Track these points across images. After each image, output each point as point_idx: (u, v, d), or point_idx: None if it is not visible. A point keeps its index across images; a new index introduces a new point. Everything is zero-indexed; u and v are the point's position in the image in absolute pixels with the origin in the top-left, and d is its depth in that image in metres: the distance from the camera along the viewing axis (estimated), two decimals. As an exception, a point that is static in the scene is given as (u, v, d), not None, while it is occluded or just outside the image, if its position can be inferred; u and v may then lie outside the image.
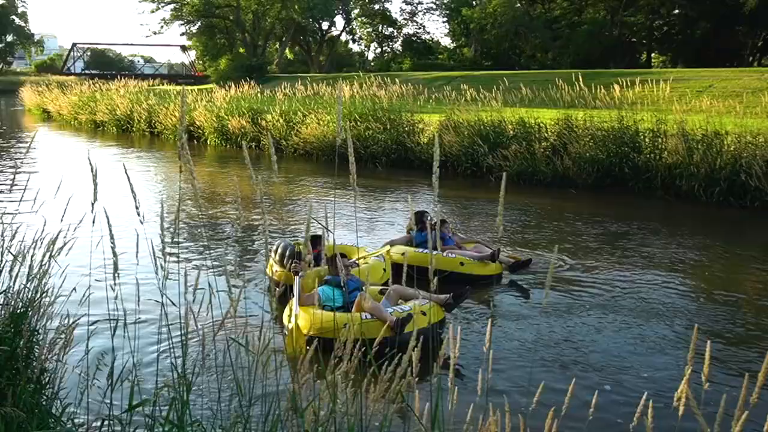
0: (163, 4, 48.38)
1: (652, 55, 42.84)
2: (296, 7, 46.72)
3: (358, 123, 15.54)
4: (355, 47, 61.60)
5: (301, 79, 22.36)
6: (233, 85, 22.91)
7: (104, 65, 74.06)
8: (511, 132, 13.12)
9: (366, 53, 60.26)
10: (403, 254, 6.54)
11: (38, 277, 3.50)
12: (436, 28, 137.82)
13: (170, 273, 2.46)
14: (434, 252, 6.78)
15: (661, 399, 3.63)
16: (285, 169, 15.25)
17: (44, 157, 17.22)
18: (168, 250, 2.52)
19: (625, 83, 12.69)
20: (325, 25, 54.34)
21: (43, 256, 3.52)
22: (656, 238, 8.64)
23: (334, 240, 6.08)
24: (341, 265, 3.65)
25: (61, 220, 3.57)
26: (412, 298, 5.16)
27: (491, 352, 2.07)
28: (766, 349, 4.81)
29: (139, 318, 3.31)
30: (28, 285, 3.52)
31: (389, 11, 55.65)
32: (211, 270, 6.19)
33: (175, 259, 6.82)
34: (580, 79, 13.05)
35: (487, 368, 2.15)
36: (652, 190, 11.08)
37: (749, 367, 4.54)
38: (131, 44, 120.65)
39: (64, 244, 3.58)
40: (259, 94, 21.97)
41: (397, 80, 17.82)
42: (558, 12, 41.59)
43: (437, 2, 53.12)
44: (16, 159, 16.27)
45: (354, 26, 56.77)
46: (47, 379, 3.18)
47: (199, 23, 50.34)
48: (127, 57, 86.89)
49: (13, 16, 70.53)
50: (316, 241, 6.14)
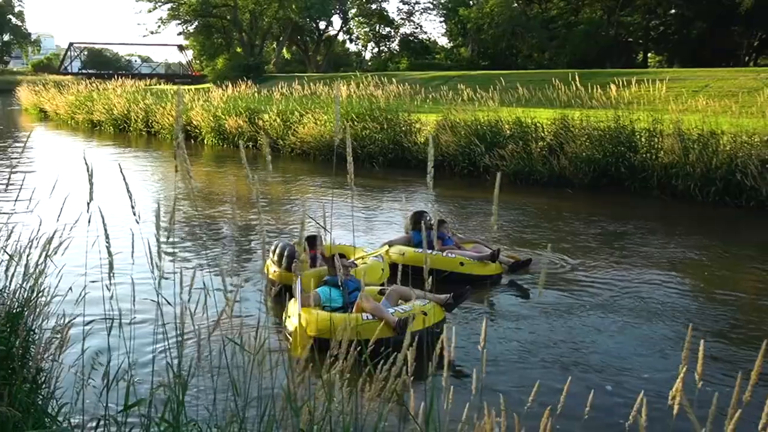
0: (160, 4, 48.30)
1: (649, 54, 42.88)
2: (293, 6, 46.70)
3: (355, 123, 15.54)
4: (352, 47, 61.70)
5: (298, 78, 22.35)
6: (230, 85, 22.88)
7: (101, 65, 73.80)
8: (508, 132, 13.14)
9: (363, 53, 60.31)
10: (402, 254, 6.56)
11: (34, 276, 3.51)
12: (433, 28, 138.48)
13: (166, 273, 2.46)
14: (434, 252, 6.81)
15: (660, 398, 3.64)
16: (282, 169, 15.25)
17: (40, 157, 17.20)
18: (164, 249, 2.52)
19: (621, 83, 12.71)
20: (322, 25, 54.41)
21: (39, 255, 3.52)
22: (653, 238, 8.66)
23: (332, 240, 6.09)
24: (339, 264, 3.66)
25: (57, 220, 3.57)
26: (412, 298, 5.14)
27: (485, 351, 2.07)
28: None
29: (135, 318, 3.31)
30: (24, 284, 3.53)
31: (386, 11, 55.67)
32: (208, 270, 6.19)
33: (171, 258, 6.83)
34: (577, 78, 13.06)
35: (482, 367, 2.15)
36: (648, 190, 11.10)
37: (749, 366, 4.55)
38: (128, 44, 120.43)
39: (60, 244, 3.58)
40: (256, 94, 21.97)
41: (394, 80, 17.81)
42: (555, 12, 41.63)
43: (434, 2, 53.17)
44: (12, 158, 16.23)
45: (351, 26, 56.78)
46: (43, 378, 3.18)
47: (196, 23, 50.28)
48: (124, 56, 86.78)
49: (10, 16, 70.31)
50: (314, 241, 6.15)
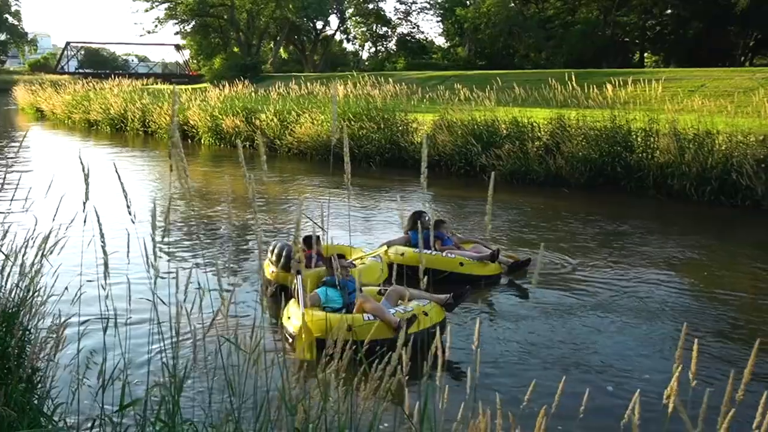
0: (157, 3, 48.14)
1: (645, 54, 42.95)
2: (290, 6, 46.64)
3: (352, 122, 15.55)
4: (349, 47, 61.67)
5: (296, 78, 22.36)
6: (227, 85, 22.87)
7: (98, 64, 73.64)
8: (505, 131, 13.16)
9: (360, 53, 60.34)
10: (401, 254, 6.56)
11: (30, 276, 3.50)
12: (430, 28, 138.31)
13: (162, 272, 2.46)
14: (434, 252, 6.83)
15: (659, 398, 3.66)
16: (279, 169, 15.25)
17: (36, 156, 17.17)
18: (160, 249, 2.52)
19: (617, 83, 12.74)
20: (319, 25, 54.38)
21: (35, 255, 3.52)
22: (649, 237, 8.69)
23: (330, 240, 6.09)
24: (337, 264, 3.67)
25: (53, 219, 3.57)
26: (412, 298, 5.12)
27: (479, 351, 2.08)
28: (761, 346, 4.87)
29: (131, 318, 3.31)
30: (19, 284, 3.52)
31: (383, 11, 55.63)
32: (204, 269, 6.19)
33: (168, 258, 6.82)
34: (573, 78, 13.10)
35: (476, 366, 2.16)
36: (644, 189, 11.13)
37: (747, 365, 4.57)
38: (125, 43, 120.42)
39: (56, 243, 3.58)
40: (253, 94, 21.94)
41: (390, 80, 17.84)
42: (551, 12, 41.66)
43: (431, 2, 53.18)
44: (8, 158, 16.20)
45: (348, 25, 56.78)
46: (39, 378, 3.18)
47: (193, 22, 50.16)
48: (121, 56, 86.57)
49: (7, 15, 70.08)
50: (312, 241, 6.13)
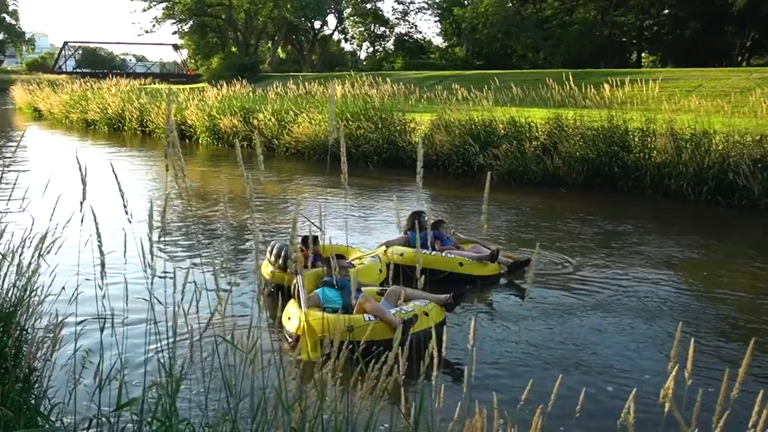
0: (155, 3, 48.11)
1: (643, 54, 43.03)
2: (288, 6, 46.64)
3: (350, 122, 15.56)
4: (347, 46, 61.63)
5: (293, 78, 22.35)
6: (225, 84, 22.86)
7: (96, 64, 73.56)
8: (502, 131, 13.17)
9: (358, 52, 60.31)
10: (401, 255, 6.56)
11: (27, 275, 3.50)
12: (428, 28, 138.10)
13: (160, 272, 2.47)
14: (433, 253, 6.84)
15: (656, 396, 3.68)
16: (277, 168, 15.25)
17: (34, 156, 17.14)
18: (157, 249, 2.53)
19: (614, 83, 12.76)
20: (317, 24, 54.33)
21: (32, 254, 3.51)
22: (646, 237, 8.71)
23: (329, 240, 6.10)
24: (334, 264, 3.68)
25: (50, 219, 3.57)
26: (411, 298, 5.11)
27: (474, 350, 2.09)
28: (761, 345, 4.89)
29: (128, 317, 3.31)
30: (16, 284, 3.52)
31: (381, 10, 55.62)
32: (201, 269, 6.19)
33: (165, 258, 6.81)
34: (571, 78, 13.11)
35: (472, 365, 2.17)
36: (641, 189, 11.15)
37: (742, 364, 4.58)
38: (123, 43, 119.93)
39: (53, 243, 3.58)
40: (251, 93, 21.93)
41: (388, 79, 17.84)
42: (549, 12, 41.71)
43: (429, 2, 53.18)
44: (5, 157, 16.17)
45: (346, 25, 56.74)
46: (35, 378, 3.17)
47: (191, 22, 50.13)
48: (119, 56, 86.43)
49: (4, 15, 69.97)
50: (312, 240, 6.12)
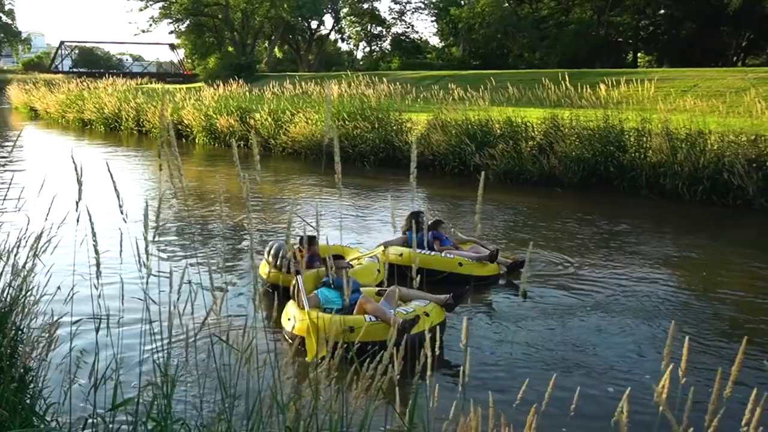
0: (151, 3, 48.03)
1: (638, 54, 43.10)
2: (285, 5, 46.57)
3: (347, 122, 15.56)
4: (344, 46, 61.63)
5: (290, 77, 22.32)
6: (222, 84, 22.83)
7: (92, 63, 73.25)
8: (498, 131, 13.20)
9: (355, 52, 60.29)
10: (400, 255, 6.56)
11: (22, 275, 3.50)
12: (425, 28, 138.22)
13: (155, 272, 2.47)
14: (433, 253, 6.86)
15: (651, 396, 3.71)
16: (273, 168, 15.25)
17: (30, 156, 17.11)
18: (153, 248, 2.53)
19: (610, 83, 12.77)
20: (314, 24, 54.27)
21: (28, 254, 3.51)
22: (642, 237, 8.73)
23: (326, 241, 6.11)
24: (332, 264, 3.68)
25: (46, 219, 3.57)
26: (412, 299, 5.10)
27: (468, 349, 2.10)
28: (757, 344, 4.91)
29: (123, 317, 3.31)
30: (12, 283, 3.52)
31: (378, 10, 55.74)
32: (197, 269, 6.18)
33: (160, 257, 6.81)
34: (567, 78, 13.13)
35: (465, 365, 2.18)
36: (636, 189, 11.18)
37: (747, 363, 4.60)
38: (119, 42, 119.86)
39: (49, 243, 3.58)
40: (247, 93, 21.93)
41: (385, 79, 17.83)
42: (545, 12, 41.77)
43: (426, 2, 53.19)
44: (1, 157, 16.13)
45: (343, 25, 56.72)
46: (31, 378, 3.18)
47: (187, 21, 50.06)
48: (116, 55, 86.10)
49: (0, 14, 69.80)
50: (310, 241, 6.13)
